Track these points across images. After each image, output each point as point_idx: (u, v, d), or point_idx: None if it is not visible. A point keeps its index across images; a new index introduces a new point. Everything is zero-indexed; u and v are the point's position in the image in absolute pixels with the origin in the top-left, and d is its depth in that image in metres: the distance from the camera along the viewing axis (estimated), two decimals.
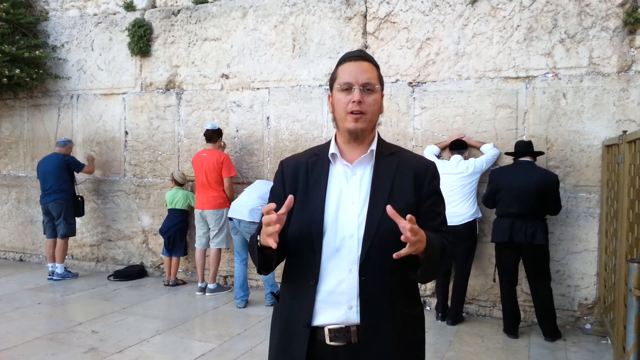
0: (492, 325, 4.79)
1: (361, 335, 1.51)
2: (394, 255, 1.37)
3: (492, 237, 4.56)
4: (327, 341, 1.52)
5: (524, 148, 4.53)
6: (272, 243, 1.39)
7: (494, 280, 4.66)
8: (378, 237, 1.51)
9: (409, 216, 1.36)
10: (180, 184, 6.06)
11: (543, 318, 4.43)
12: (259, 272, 1.63)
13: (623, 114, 4.58)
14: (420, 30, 5.22)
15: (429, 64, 5.20)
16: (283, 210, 1.42)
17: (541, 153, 4.62)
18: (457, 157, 4.84)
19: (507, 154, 4.72)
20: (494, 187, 4.53)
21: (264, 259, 1.57)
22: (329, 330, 1.52)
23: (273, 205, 1.42)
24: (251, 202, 5.13)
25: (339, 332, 1.52)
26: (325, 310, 1.53)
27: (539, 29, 4.80)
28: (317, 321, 1.54)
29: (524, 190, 4.32)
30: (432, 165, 1.67)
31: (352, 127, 1.56)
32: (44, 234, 6.54)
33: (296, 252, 1.58)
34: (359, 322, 1.51)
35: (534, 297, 4.47)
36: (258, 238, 1.52)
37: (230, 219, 5.24)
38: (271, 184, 6.38)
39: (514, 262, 4.49)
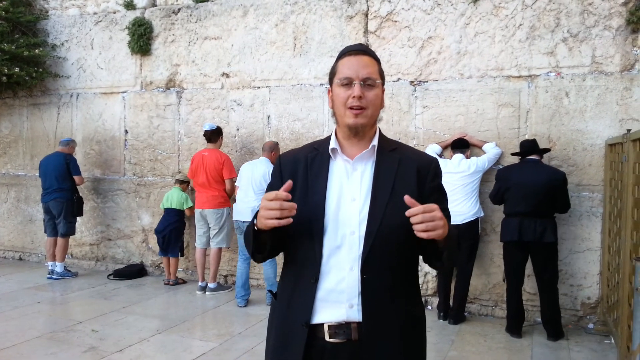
0: (494, 325, 4.77)
1: (362, 333, 1.47)
2: (406, 213, 1.35)
3: (501, 237, 4.51)
4: (327, 338, 1.48)
5: (529, 147, 4.49)
6: (273, 222, 1.38)
7: (504, 280, 4.62)
8: (380, 234, 1.47)
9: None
10: (182, 182, 6.04)
11: (548, 318, 4.40)
12: (252, 256, 1.59)
13: (626, 113, 4.56)
14: (422, 29, 5.19)
15: (430, 63, 5.18)
16: (284, 193, 1.40)
17: (547, 150, 4.59)
18: (459, 156, 4.82)
19: (514, 154, 4.66)
20: (501, 185, 4.47)
21: (257, 243, 1.53)
22: (329, 326, 1.48)
23: (284, 194, 1.39)
24: (253, 203, 5.13)
25: (339, 329, 1.48)
26: (325, 308, 1.49)
27: (541, 27, 4.78)
28: (317, 319, 1.49)
29: (533, 188, 4.28)
30: (435, 162, 1.63)
31: (352, 123, 1.52)
32: (45, 232, 6.51)
33: (295, 249, 1.54)
34: (360, 320, 1.47)
35: (541, 297, 4.44)
36: (255, 221, 1.47)
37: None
38: (262, 168, 6.22)
39: (522, 262, 4.45)
